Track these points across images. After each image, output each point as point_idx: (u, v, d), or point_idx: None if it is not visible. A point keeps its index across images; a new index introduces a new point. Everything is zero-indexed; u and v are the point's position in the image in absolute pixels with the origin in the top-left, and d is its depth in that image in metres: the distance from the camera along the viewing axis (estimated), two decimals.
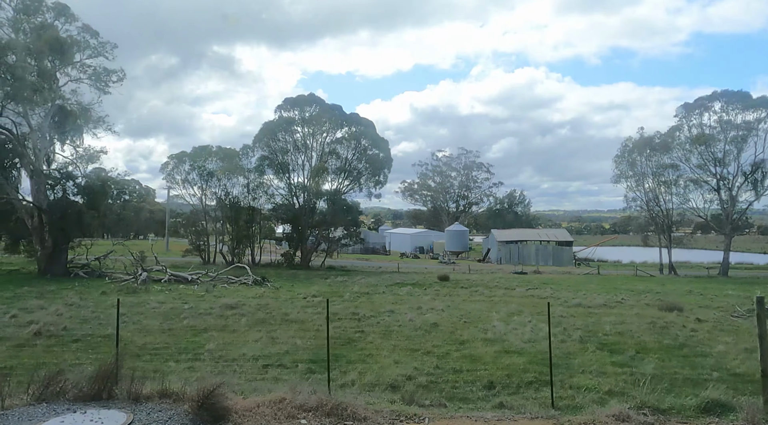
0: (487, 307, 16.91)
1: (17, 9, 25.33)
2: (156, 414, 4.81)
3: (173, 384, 5.68)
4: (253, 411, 4.91)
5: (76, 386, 5.29)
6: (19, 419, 4.70)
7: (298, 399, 5.15)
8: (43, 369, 6.40)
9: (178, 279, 23.85)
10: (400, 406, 5.36)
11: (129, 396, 5.21)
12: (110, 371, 5.30)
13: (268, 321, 13.24)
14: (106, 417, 4.67)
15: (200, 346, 9.94)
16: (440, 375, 7.66)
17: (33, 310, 14.01)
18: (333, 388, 6.54)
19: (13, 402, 5.25)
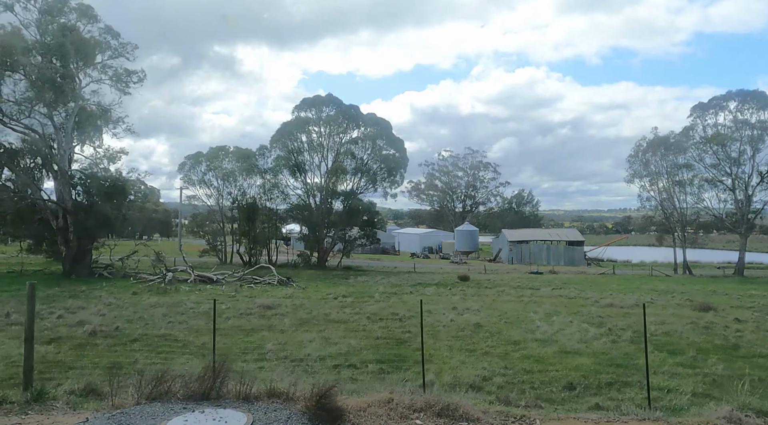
0: (520, 307, 16.93)
1: (41, 10, 25.42)
2: (272, 413, 4.85)
3: (262, 384, 5.72)
4: (366, 412, 4.95)
5: (185, 385, 5.34)
6: (142, 417, 4.74)
7: (405, 400, 5.19)
8: (145, 369, 6.45)
9: (203, 280, 23.94)
10: (503, 407, 5.39)
11: (239, 395, 5.26)
12: (218, 370, 5.35)
13: (311, 321, 13.29)
14: (226, 417, 4.72)
15: (259, 346, 9.99)
16: (513, 375, 7.69)
17: (75, 310, 14.09)
18: (413, 388, 6.58)
19: (122, 401, 5.30)
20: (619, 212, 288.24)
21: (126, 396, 5.41)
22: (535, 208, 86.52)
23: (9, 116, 23.99)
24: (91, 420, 4.80)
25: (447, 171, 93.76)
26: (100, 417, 4.84)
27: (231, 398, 5.29)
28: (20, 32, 23.93)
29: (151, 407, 5.04)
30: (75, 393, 5.77)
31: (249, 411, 4.91)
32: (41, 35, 25.02)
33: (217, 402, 5.20)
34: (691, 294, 22.82)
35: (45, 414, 5.04)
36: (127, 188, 29.91)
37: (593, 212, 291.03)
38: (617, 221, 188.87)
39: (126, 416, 4.81)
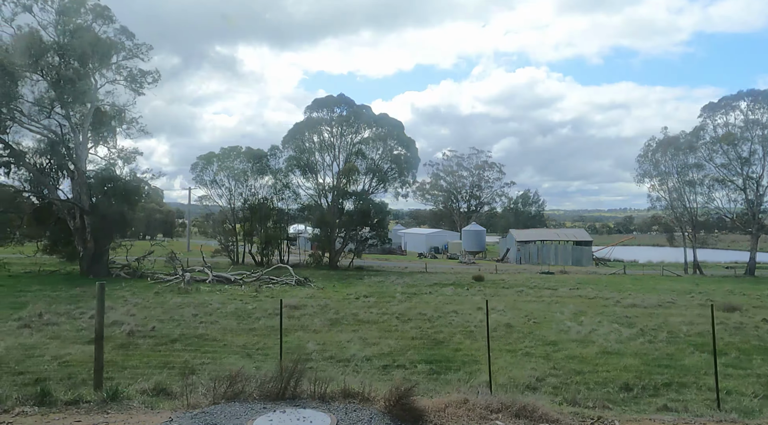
0: (544, 307, 16.93)
1: (58, 11, 25.48)
2: (353, 413, 4.86)
3: (335, 384, 5.74)
4: (445, 412, 4.96)
5: (260, 386, 5.35)
6: (225, 416, 4.75)
7: (480, 401, 5.20)
8: (216, 369, 6.47)
9: (220, 280, 23.96)
10: (574, 408, 5.40)
11: (314, 395, 5.27)
12: (292, 370, 5.36)
13: (341, 321, 13.30)
14: (310, 417, 4.73)
15: (299, 347, 10.01)
16: (565, 376, 7.70)
17: (105, 310, 14.08)
18: (465, 388, 6.60)
19: (196, 401, 5.33)
20: (620, 212, 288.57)
21: (197, 395, 5.43)
22: (540, 208, 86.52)
23: (28, 116, 24.06)
24: (174, 419, 4.82)
25: (452, 171, 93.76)
26: (182, 416, 4.87)
27: (307, 398, 5.31)
28: (38, 33, 23.98)
29: (230, 407, 5.06)
30: (147, 393, 5.79)
31: (329, 411, 4.93)
32: (58, 36, 25.08)
33: (293, 402, 5.22)
34: (709, 294, 22.81)
35: (125, 413, 5.06)
36: (141, 189, 30.02)
37: (593, 212, 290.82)
38: (618, 221, 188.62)
39: (209, 415, 4.83)
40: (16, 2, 24.17)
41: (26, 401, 5.33)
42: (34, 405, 5.26)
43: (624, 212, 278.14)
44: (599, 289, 24.54)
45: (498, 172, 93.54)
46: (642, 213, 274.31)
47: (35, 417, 4.99)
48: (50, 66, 24.34)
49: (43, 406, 5.26)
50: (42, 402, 5.33)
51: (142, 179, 29.80)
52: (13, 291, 18.75)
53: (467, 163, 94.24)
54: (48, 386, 5.63)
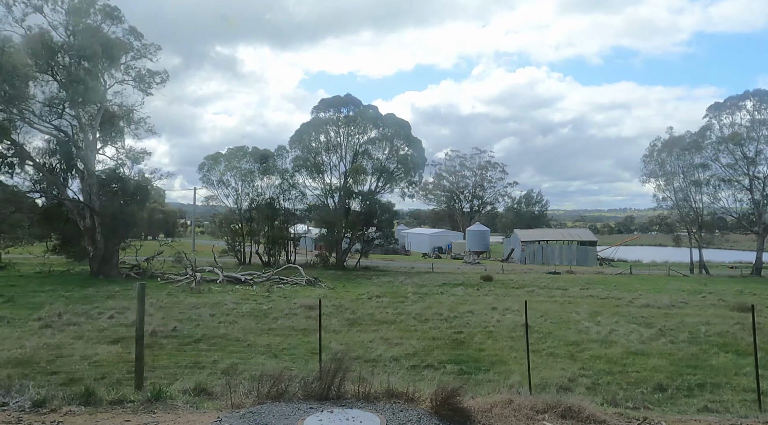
0: (558, 308, 16.94)
1: (68, 11, 25.49)
2: (400, 414, 4.87)
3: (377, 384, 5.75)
4: (491, 412, 4.97)
5: (304, 386, 5.37)
6: (274, 416, 4.76)
7: (525, 401, 5.22)
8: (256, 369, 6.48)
9: (230, 280, 23.98)
10: (616, 409, 5.42)
11: (359, 395, 5.29)
12: (335, 370, 5.38)
13: (359, 321, 13.32)
14: (359, 417, 4.74)
15: (324, 346, 10.01)
16: (596, 376, 7.72)
17: (122, 311, 14.14)
18: (504, 389, 6.61)
19: (240, 400, 5.34)
20: (620, 212, 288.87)
21: (238, 395, 5.45)
22: (544, 208, 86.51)
23: (40, 116, 24.10)
24: (223, 419, 4.83)
25: (454, 171, 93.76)
26: (231, 416, 4.88)
27: (351, 398, 5.32)
28: (49, 34, 24.01)
29: (276, 406, 5.07)
30: (188, 393, 5.81)
31: (375, 411, 4.94)
32: (69, 36, 25.09)
33: (338, 402, 5.23)
34: (719, 294, 22.78)
35: (172, 413, 5.08)
36: (150, 189, 30.04)
37: (593, 212, 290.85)
38: (619, 221, 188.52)
39: (257, 415, 4.84)
40: (27, 2, 24.20)
41: (72, 400, 5.35)
42: (80, 405, 5.28)
43: (624, 212, 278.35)
44: (609, 289, 24.54)
45: (501, 172, 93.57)
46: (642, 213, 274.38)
47: (83, 416, 5.01)
48: (60, 66, 24.38)
49: (89, 406, 5.28)
50: (87, 401, 5.35)
51: (150, 179, 29.84)
52: (26, 291, 18.78)
53: (470, 163, 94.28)
54: (91, 386, 5.64)
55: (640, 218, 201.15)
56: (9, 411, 5.18)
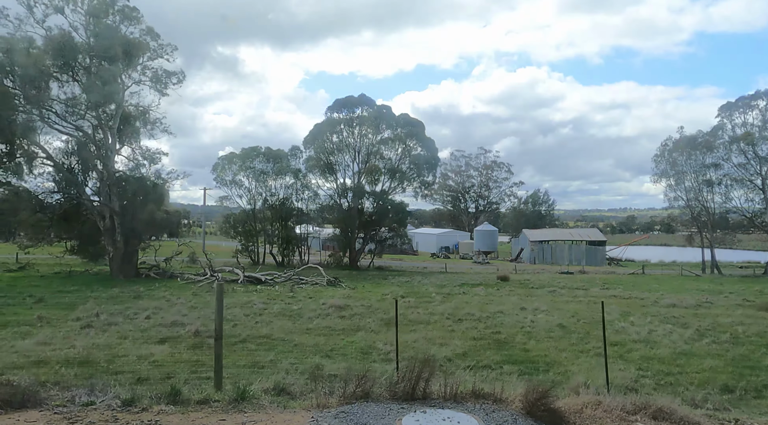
0: (585, 307, 16.93)
1: (87, 12, 25.56)
2: (493, 415, 4.90)
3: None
4: (583, 414, 4.99)
5: (389, 386, 5.40)
6: (368, 415, 4.80)
7: (612, 402, 5.23)
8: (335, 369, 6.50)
9: (250, 280, 24.02)
10: (705, 410, 5.43)
11: (445, 396, 5.31)
12: (420, 370, 5.40)
13: (393, 321, 13.32)
14: (454, 418, 4.77)
15: (370, 347, 10.05)
16: (656, 377, 7.73)
17: (156, 311, 14.18)
18: (565, 390, 6.63)
19: (324, 401, 5.37)
20: (620, 212, 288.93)
21: (319, 395, 5.47)
22: (550, 208, 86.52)
23: (62, 117, 24.18)
24: (318, 418, 4.86)
25: (460, 171, 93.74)
26: (324, 415, 4.91)
27: (437, 398, 5.35)
28: (70, 34, 24.07)
29: (367, 406, 5.10)
30: (269, 392, 5.83)
31: (467, 412, 4.97)
32: (89, 37, 25.16)
33: (425, 402, 5.26)
34: (741, 294, 22.76)
35: (262, 413, 5.11)
36: (166, 189, 30.08)
37: (593, 212, 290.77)
38: (621, 221, 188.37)
39: (352, 415, 4.87)
40: (47, 4, 24.27)
41: (159, 400, 5.38)
42: (168, 404, 5.31)
43: (624, 212, 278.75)
44: (628, 289, 24.54)
45: (506, 172, 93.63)
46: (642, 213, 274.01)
47: (176, 415, 5.04)
48: (81, 67, 24.44)
49: (177, 405, 5.31)
50: (174, 401, 5.38)
51: (166, 179, 29.90)
52: (51, 292, 18.85)
53: (475, 162, 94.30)
54: (177, 385, 5.67)
55: (642, 218, 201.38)
56: (100, 410, 5.22)
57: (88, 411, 5.19)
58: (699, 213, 45.04)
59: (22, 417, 5.02)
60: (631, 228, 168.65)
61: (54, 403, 5.44)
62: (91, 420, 4.92)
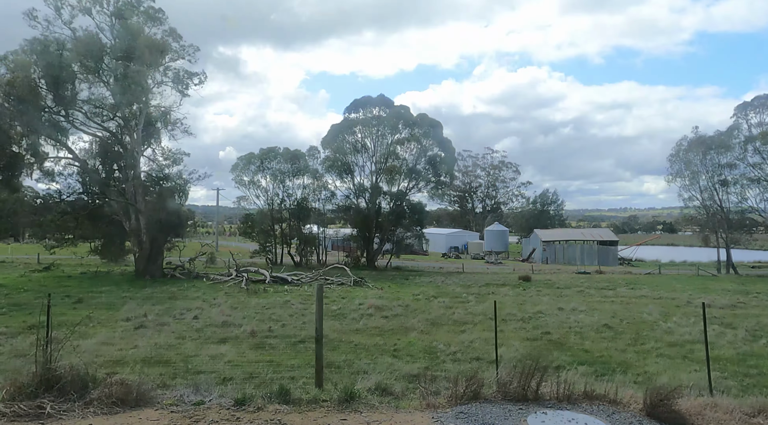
0: (622, 308, 16.92)
1: (112, 13, 25.64)
2: (614, 416, 4.90)
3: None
4: (705, 416, 4.99)
5: (500, 387, 5.41)
6: (490, 416, 4.81)
7: (731, 404, 5.23)
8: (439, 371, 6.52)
9: (276, 280, 24.04)
10: None
11: (559, 397, 5.32)
12: (532, 370, 5.41)
13: (439, 322, 13.35)
14: (578, 419, 4.77)
15: (430, 347, 10.06)
16: (736, 378, 7.72)
17: (198, 311, 14.22)
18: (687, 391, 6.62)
19: (436, 401, 5.38)
20: (620, 212, 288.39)
21: (428, 395, 5.48)
22: (559, 208, 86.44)
23: (90, 117, 24.27)
24: (439, 419, 4.87)
25: (467, 171, 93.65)
26: (446, 416, 4.93)
27: (550, 399, 5.35)
28: (98, 36, 24.15)
29: (483, 406, 5.12)
30: (373, 392, 5.84)
31: (585, 413, 4.97)
32: (114, 39, 25.23)
33: (538, 402, 5.27)
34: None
35: (378, 413, 5.12)
36: (188, 190, 30.14)
37: (593, 212, 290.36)
38: (624, 221, 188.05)
39: (472, 415, 4.89)
40: (73, 6, 24.35)
41: (271, 399, 5.39)
42: (281, 403, 5.33)
43: (624, 212, 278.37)
44: (654, 289, 24.49)
45: (513, 172, 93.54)
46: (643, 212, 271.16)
47: (294, 414, 5.07)
48: (107, 68, 24.52)
49: (288, 404, 5.33)
50: (285, 400, 5.40)
51: (188, 179, 29.97)
52: (83, 292, 18.93)
53: (482, 162, 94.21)
54: (285, 385, 5.68)
55: (644, 218, 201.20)
56: (215, 409, 5.24)
57: (204, 409, 5.22)
58: (714, 213, 44.92)
59: (142, 415, 5.06)
60: (633, 228, 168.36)
61: (166, 402, 5.47)
62: (212, 419, 4.95)
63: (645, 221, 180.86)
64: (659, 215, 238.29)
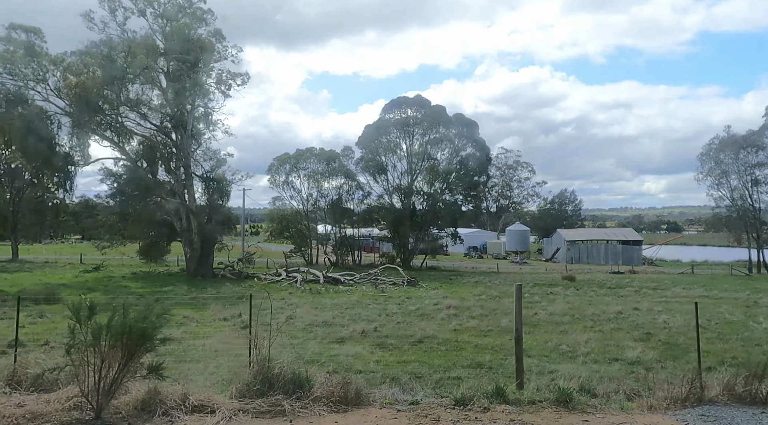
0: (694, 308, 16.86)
1: (163, 15, 25.79)
2: None
3: None
4: None
5: (726, 389, 5.43)
6: (737, 420, 4.83)
7: None
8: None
9: (327, 280, 24.10)
10: None
11: None
12: (759, 373, 5.43)
13: (531, 322, 13.34)
14: None
15: (556, 347, 10.08)
16: None
17: (278, 311, 14.32)
18: None
19: (655, 403, 5.40)
20: (620, 211, 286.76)
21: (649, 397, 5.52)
22: (577, 208, 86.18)
23: (145, 116, 24.44)
24: (686, 420, 4.89)
25: None
26: (689, 415, 4.95)
27: None
28: (152, 37, 24.31)
29: (724, 410, 5.13)
30: (582, 393, 5.86)
31: None
32: (166, 40, 25.38)
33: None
34: None
35: (608, 414, 5.15)
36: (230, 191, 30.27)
37: (594, 211, 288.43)
38: (628, 221, 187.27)
39: (719, 419, 4.90)
40: (126, 8, 24.52)
41: (490, 398, 5.43)
42: (502, 403, 5.36)
43: (625, 212, 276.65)
44: (708, 289, 24.45)
45: (529, 171, 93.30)
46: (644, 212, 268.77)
47: (525, 415, 5.09)
48: (161, 69, 24.68)
49: (508, 404, 5.36)
50: (505, 400, 5.44)
51: (231, 180, 30.11)
52: (150, 292, 19.11)
53: (496, 162, 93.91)
54: (499, 383, 5.71)
55: (648, 217, 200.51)
56: (439, 408, 5.27)
57: (431, 409, 5.26)
58: (746, 212, 44.70)
59: (375, 414, 5.11)
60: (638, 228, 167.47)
61: (383, 401, 5.52)
62: (451, 419, 4.99)
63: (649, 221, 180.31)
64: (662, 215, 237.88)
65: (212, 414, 5.10)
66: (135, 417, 5.09)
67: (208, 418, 5.02)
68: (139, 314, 5.22)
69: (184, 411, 5.20)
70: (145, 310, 5.33)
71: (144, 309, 5.35)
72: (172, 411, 5.16)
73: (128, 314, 5.16)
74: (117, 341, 5.03)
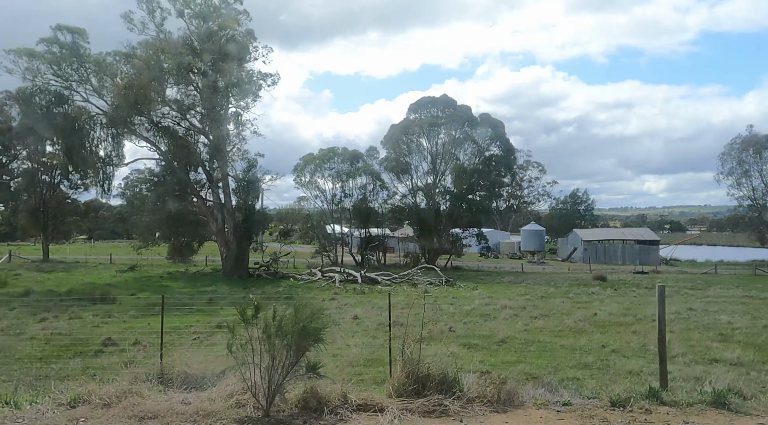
0: (745, 308, 16.86)
1: (198, 15, 25.87)
2: None
3: None
4: None
5: None
6: None
7: None
8: None
9: (364, 280, 24.14)
10: None
11: None
12: None
13: (597, 322, 13.38)
14: None
15: (642, 348, 10.08)
16: None
17: (339, 311, 14.40)
18: None
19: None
20: (621, 211, 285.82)
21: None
22: (590, 207, 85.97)
23: (183, 116, 24.53)
24: None
25: None
26: None
27: None
28: (189, 38, 24.39)
29: None
30: (732, 394, 5.85)
31: None
32: (201, 41, 25.45)
33: None
34: None
35: None
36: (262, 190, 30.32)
37: (596, 211, 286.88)
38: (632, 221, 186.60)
39: None
40: (163, 8, 24.60)
41: (646, 400, 5.43)
42: (659, 404, 5.37)
43: (625, 211, 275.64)
44: (745, 289, 24.34)
45: (539, 171, 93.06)
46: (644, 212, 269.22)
47: (693, 416, 5.10)
48: (197, 70, 24.77)
49: (667, 406, 5.37)
50: (662, 401, 5.44)
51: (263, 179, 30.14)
52: (194, 292, 19.20)
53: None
54: (654, 385, 5.72)
55: (652, 217, 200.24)
56: (593, 409, 5.29)
57: (587, 410, 5.27)
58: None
59: (535, 414, 5.13)
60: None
61: (537, 402, 5.53)
62: (621, 421, 5.00)
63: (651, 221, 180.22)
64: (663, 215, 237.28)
65: (381, 412, 5.12)
66: (303, 415, 5.12)
67: (379, 417, 5.05)
68: (308, 314, 5.26)
69: (348, 409, 5.23)
70: (313, 309, 5.37)
71: (313, 309, 5.39)
72: (339, 410, 5.19)
73: (300, 313, 5.19)
74: (289, 339, 5.07)
